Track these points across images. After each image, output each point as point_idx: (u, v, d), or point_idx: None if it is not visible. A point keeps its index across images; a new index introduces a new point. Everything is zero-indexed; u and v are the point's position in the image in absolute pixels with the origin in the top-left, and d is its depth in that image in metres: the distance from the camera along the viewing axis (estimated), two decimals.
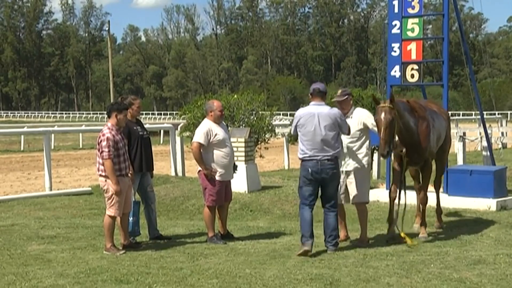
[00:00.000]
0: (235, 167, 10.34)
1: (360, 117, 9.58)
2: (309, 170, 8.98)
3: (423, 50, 14.40)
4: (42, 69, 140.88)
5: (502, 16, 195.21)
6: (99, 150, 9.30)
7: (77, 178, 20.90)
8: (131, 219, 9.75)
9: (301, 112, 9.26)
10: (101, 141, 9.26)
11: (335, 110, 9.11)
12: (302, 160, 9.10)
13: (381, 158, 10.56)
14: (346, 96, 9.68)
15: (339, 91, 9.86)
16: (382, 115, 9.21)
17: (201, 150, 9.87)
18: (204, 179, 9.95)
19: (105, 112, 9.14)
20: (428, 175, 10.27)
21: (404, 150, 9.65)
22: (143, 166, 10.05)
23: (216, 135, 9.85)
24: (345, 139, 9.49)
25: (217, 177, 9.90)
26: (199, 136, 9.89)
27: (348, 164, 9.56)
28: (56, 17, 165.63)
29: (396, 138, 9.47)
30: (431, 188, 11.36)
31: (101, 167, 9.30)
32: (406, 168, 10.25)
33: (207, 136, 9.83)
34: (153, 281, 7.59)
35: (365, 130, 9.57)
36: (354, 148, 9.54)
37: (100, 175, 9.38)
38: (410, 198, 10.65)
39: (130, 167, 9.62)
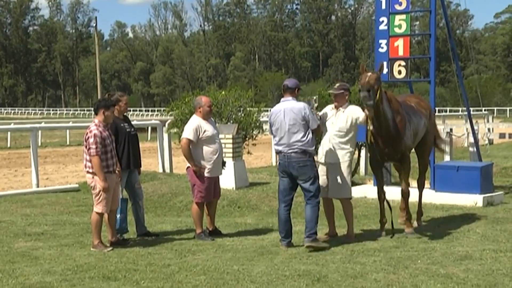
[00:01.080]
0: (224, 164, 10.33)
1: (350, 113, 9.58)
2: (279, 164, 9.21)
3: (410, 46, 14.46)
4: (29, 66, 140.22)
5: (489, 12, 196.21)
6: (86, 147, 9.27)
7: (64, 175, 20.82)
8: (118, 216, 9.73)
9: (272, 109, 9.54)
10: (88, 137, 9.23)
11: (300, 104, 9.18)
12: (277, 153, 9.40)
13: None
14: (342, 91, 9.71)
15: (337, 84, 9.91)
16: (369, 73, 9.37)
17: (190, 147, 9.85)
18: (192, 175, 9.94)
19: (92, 109, 9.11)
20: (407, 170, 10.23)
21: (371, 127, 9.55)
22: (130, 163, 10.03)
23: (205, 131, 9.84)
24: (332, 131, 9.55)
25: (205, 174, 9.89)
26: (188, 132, 9.88)
27: (329, 157, 9.58)
28: (43, 13, 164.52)
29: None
30: (415, 184, 11.41)
31: (89, 164, 9.27)
32: (383, 162, 10.28)
33: (196, 132, 9.81)
34: (141, 277, 7.58)
35: (353, 127, 9.58)
36: (339, 142, 9.55)
37: (88, 172, 9.35)
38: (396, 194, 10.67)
39: (118, 164, 9.60)
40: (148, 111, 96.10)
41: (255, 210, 13.33)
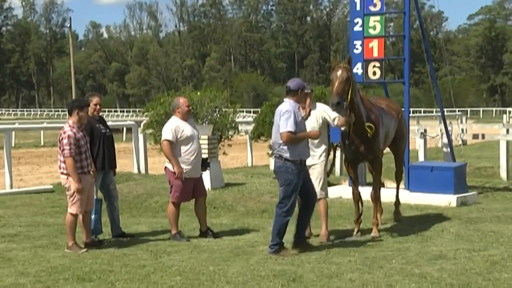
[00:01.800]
0: (207, 164, 10.36)
1: (320, 113, 9.59)
2: None
3: (385, 47, 14.56)
4: (2, 66, 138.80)
5: (462, 14, 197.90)
6: (60, 148, 9.20)
7: (39, 176, 20.67)
8: (93, 217, 9.68)
9: None
10: (62, 138, 9.17)
11: (279, 107, 9.00)
12: None
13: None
14: (310, 90, 9.73)
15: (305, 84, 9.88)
16: (339, 72, 9.28)
17: (171, 147, 9.85)
18: (171, 175, 9.92)
19: (67, 110, 9.03)
20: (379, 171, 10.29)
21: (353, 116, 9.50)
22: (105, 164, 9.98)
23: (183, 131, 9.84)
24: None
25: (184, 174, 9.87)
26: (166, 133, 9.88)
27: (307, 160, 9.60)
28: (16, 13, 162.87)
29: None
30: (392, 184, 11.50)
31: (63, 165, 9.22)
32: (357, 162, 10.32)
33: (175, 133, 9.81)
34: (116, 279, 7.54)
35: (323, 126, 9.60)
36: (314, 143, 9.56)
37: (62, 173, 9.29)
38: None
39: (92, 165, 9.54)
40: (123, 111, 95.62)
41: (230, 210, 13.33)
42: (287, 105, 8.81)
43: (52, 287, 7.29)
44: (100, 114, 10.36)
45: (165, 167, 10.07)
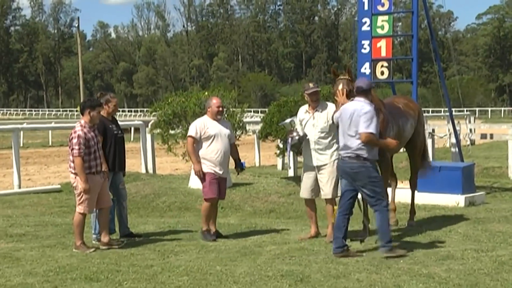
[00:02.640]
0: (240, 166, 10.34)
1: (330, 112, 9.58)
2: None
3: (393, 47, 14.54)
4: (10, 66, 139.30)
5: (471, 13, 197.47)
6: (70, 147, 9.22)
7: (47, 175, 20.72)
8: None
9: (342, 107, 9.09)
10: (72, 138, 9.19)
11: (354, 106, 8.83)
12: None
13: None
14: (318, 89, 9.78)
15: (311, 84, 9.87)
16: (340, 86, 9.24)
17: (194, 144, 9.91)
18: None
19: (74, 109, 9.09)
20: (387, 171, 10.24)
21: None
22: (116, 165, 9.99)
23: (207, 129, 9.89)
24: (315, 134, 9.56)
25: (207, 170, 9.89)
26: (190, 129, 10.05)
27: (317, 159, 9.61)
28: (25, 13, 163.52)
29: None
30: (406, 185, 11.44)
31: (72, 164, 9.24)
32: None
33: (198, 130, 9.90)
34: (123, 278, 7.56)
35: (334, 125, 9.61)
36: (324, 143, 9.58)
37: (71, 172, 9.33)
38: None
39: (105, 164, 9.53)
40: (131, 111, 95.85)
41: (238, 210, 13.34)
42: (367, 105, 8.67)
43: (60, 286, 7.31)
44: (114, 115, 10.38)
45: None
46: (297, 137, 9.73)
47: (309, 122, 9.68)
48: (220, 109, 10.10)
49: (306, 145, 9.74)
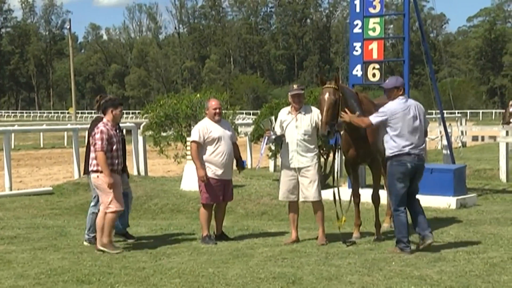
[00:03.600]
0: (243, 163, 10.27)
1: (314, 117, 9.62)
2: (409, 165, 8.90)
3: (385, 49, 14.56)
4: (1, 68, 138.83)
5: (462, 16, 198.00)
6: (93, 144, 9.27)
7: (38, 178, 20.67)
8: None
9: (395, 107, 9.03)
10: (94, 134, 9.27)
11: (416, 105, 9.22)
12: (397, 155, 8.93)
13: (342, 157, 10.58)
14: (302, 91, 9.80)
15: (295, 86, 9.90)
16: (326, 95, 9.28)
17: (198, 148, 9.90)
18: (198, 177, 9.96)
19: (66, 111, 9.11)
20: (378, 173, 10.25)
21: (342, 132, 9.67)
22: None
23: (210, 132, 9.86)
24: (298, 135, 9.56)
25: (210, 174, 9.86)
26: (193, 134, 10.01)
27: (299, 161, 9.60)
28: (16, 15, 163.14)
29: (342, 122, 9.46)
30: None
31: (94, 162, 9.29)
32: (356, 165, 10.30)
33: (201, 134, 9.86)
34: (115, 281, 7.54)
35: (316, 129, 9.64)
36: (307, 145, 9.60)
37: (92, 171, 9.36)
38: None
39: (123, 164, 9.67)
40: (123, 113, 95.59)
41: (230, 213, 13.29)
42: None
43: None
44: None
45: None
46: (273, 136, 9.76)
47: (292, 123, 9.64)
48: (217, 110, 10.03)
49: (285, 147, 9.71)
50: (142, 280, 7.58)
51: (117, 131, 9.92)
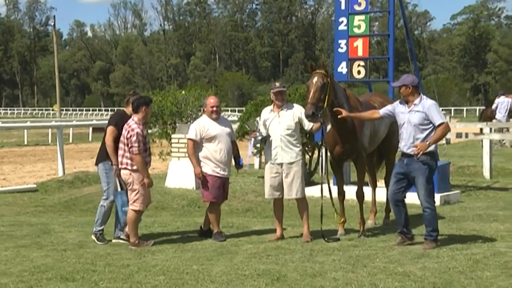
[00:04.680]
0: (240, 161, 10.17)
1: (297, 113, 9.64)
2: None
3: (370, 46, 14.60)
4: None
5: (447, 13, 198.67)
6: (127, 145, 9.27)
7: (22, 175, 20.54)
8: (125, 208, 9.68)
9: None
10: (130, 136, 9.24)
11: (430, 100, 9.18)
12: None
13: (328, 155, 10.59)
14: (284, 88, 9.84)
15: (277, 83, 9.91)
16: (314, 79, 9.29)
17: (195, 146, 9.87)
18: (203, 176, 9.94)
19: (50, 108, 9.08)
20: (362, 170, 10.28)
21: (328, 125, 9.68)
22: None
23: (208, 130, 9.82)
24: (280, 131, 9.56)
25: (209, 172, 9.84)
26: (190, 132, 9.96)
27: (283, 157, 9.61)
28: (0, 12, 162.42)
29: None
30: (382, 184, 11.49)
31: (125, 160, 9.33)
32: (342, 161, 10.32)
33: (198, 132, 9.84)
34: (99, 278, 7.51)
35: (299, 125, 9.66)
36: (290, 141, 9.61)
37: (125, 168, 9.38)
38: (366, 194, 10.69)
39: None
40: (108, 110, 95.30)
41: None
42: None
43: (35, 287, 7.25)
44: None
45: None
46: (259, 137, 9.79)
47: (274, 120, 9.65)
48: (215, 108, 9.96)
49: (269, 144, 9.72)
50: (126, 277, 7.56)
51: (146, 129, 9.89)
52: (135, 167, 9.28)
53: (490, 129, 20.31)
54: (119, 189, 9.73)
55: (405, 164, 9.00)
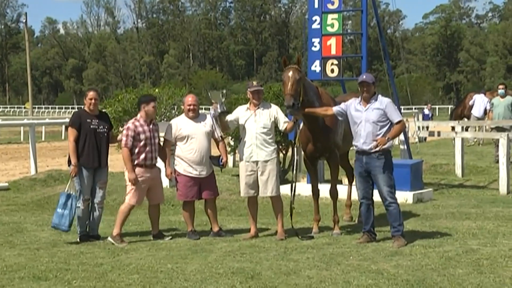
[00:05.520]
0: (218, 161, 10.03)
1: (273, 112, 9.71)
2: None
3: (343, 45, 14.65)
4: None
5: (419, 12, 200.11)
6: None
7: None
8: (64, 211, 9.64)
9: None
10: (122, 130, 9.77)
11: (386, 99, 9.33)
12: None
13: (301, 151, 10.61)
14: (261, 87, 9.90)
15: (254, 82, 9.95)
16: (290, 73, 9.35)
17: (169, 146, 9.94)
18: (176, 175, 9.95)
19: (22, 106, 9.08)
20: (336, 168, 10.33)
21: (299, 120, 9.71)
22: (91, 161, 9.81)
23: (180, 130, 9.84)
24: (256, 128, 9.60)
25: (181, 171, 9.85)
26: (166, 131, 9.99)
27: (258, 155, 9.63)
28: None
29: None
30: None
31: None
32: (315, 159, 10.34)
33: (171, 130, 9.88)
34: (73, 277, 7.48)
35: (274, 124, 9.71)
36: (266, 139, 9.65)
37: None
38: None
39: (155, 159, 9.84)
40: (81, 108, 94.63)
41: None
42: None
43: (7, 286, 7.20)
44: (91, 109, 10.09)
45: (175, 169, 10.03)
46: (219, 110, 9.80)
47: (251, 118, 9.68)
48: (191, 107, 9.95)
49: (244, 141, 9.74)
50: (99, 276, 7.53)
51: (151, 126, 9.83)
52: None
53: (462, 127, 20.48)
54: (70, 190, 9.70)
55: (365, 163, 9.09)
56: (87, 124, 9.83)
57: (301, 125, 9.87)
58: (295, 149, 10.25)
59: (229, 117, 9.84)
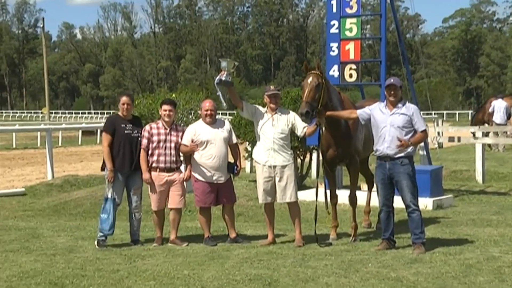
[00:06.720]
0: (233, 170, 10.01)
1: (291, 119, 9.63)
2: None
3: (361, 50, 14.54)
4: None
5: (439, 16, 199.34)
6: None
7: (10, 178, 20.38)
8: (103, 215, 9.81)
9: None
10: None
11: (413, 106, 9.21)
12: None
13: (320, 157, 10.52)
14: (279, 92, 9.84)
15: (272, 87, 9.91)
16: (310, 79, 9.28)
17: (181, 149, 9.92)
18: (192, 180, 9.92)
19: (39, 111, 9.13)
20: (356, 174, 10.25)
21: (322, 125, 9.60)
22: (125, 165, 9.84)
23: (199, 135, 9.79)
24: (274, 133, 9.51)
25: (198, 177, 9.82)
26: (184, 136, 9.91)
27: (275, 159, 9.54)
28: None
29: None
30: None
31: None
32: (335, 165, 10.24)
33: (190, 136, 9.83)
34: (89, 283, 7.42)
35: (290, 130, 9.64)
36: (283, 145, 9.57)
37: None
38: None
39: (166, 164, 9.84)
40: (97, 113, 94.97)
41: None
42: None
43: None
44: (124, 114, 10.02)
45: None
46: (225, 78, 9.65)
47: (268, 123, 9.60)
48: (208, 112, 9.89)
49: (261, 146, 9.66)
50: (116, 282, 7.47)
51: (168, 130, 9.84)
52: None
53: (483, 133, 20.29)
54: (108, 195, 9.73)
55: (388, 169, 8.96)
56: (121, 129, 9.84)
57: (323, 129, 9.76)
58: (319, 153, 10.11)
59: (248, 105, 9.82)
